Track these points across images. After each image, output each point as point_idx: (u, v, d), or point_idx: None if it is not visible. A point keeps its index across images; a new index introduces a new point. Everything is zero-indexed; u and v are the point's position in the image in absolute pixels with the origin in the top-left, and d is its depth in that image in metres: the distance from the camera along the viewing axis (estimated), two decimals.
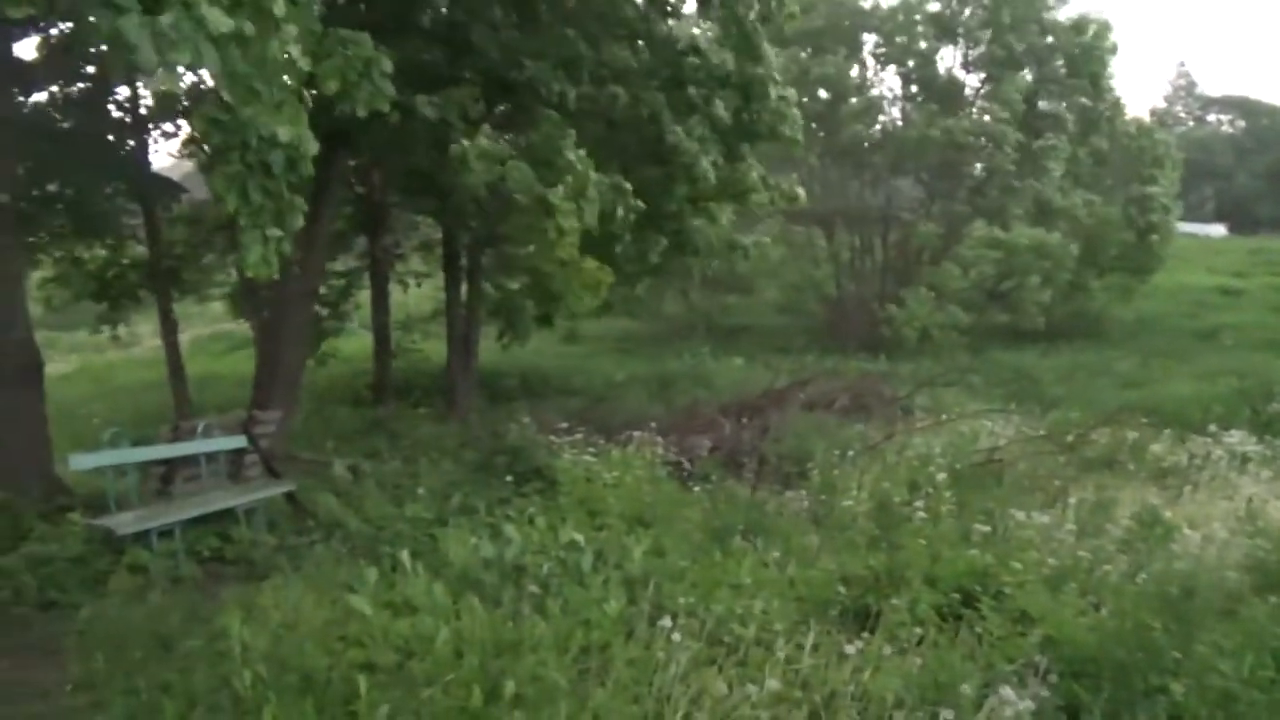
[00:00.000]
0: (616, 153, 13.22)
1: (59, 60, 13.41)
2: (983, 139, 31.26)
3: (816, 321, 33.56)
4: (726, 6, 12.96)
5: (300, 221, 6.66)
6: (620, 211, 11.15)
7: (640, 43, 13.87)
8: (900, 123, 34.07)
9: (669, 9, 14.22)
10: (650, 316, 32.63)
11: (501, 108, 13.42)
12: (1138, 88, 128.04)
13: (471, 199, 12.27)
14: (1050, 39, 32.91)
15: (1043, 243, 29.48)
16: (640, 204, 11.72)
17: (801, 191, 17.44)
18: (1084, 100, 32.49)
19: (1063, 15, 33.36)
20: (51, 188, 14.03)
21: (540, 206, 10.08)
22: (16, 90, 12.72)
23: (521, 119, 12.70)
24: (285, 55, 5.63)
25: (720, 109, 13.89)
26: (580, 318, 13.35)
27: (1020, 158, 31.34)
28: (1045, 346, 29.00)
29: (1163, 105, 65.98)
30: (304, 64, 5.89)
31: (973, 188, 32.51)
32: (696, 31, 15.27)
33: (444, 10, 12.59)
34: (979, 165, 32.33)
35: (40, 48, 13.45)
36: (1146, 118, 42.50)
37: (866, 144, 33.47)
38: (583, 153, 10.62)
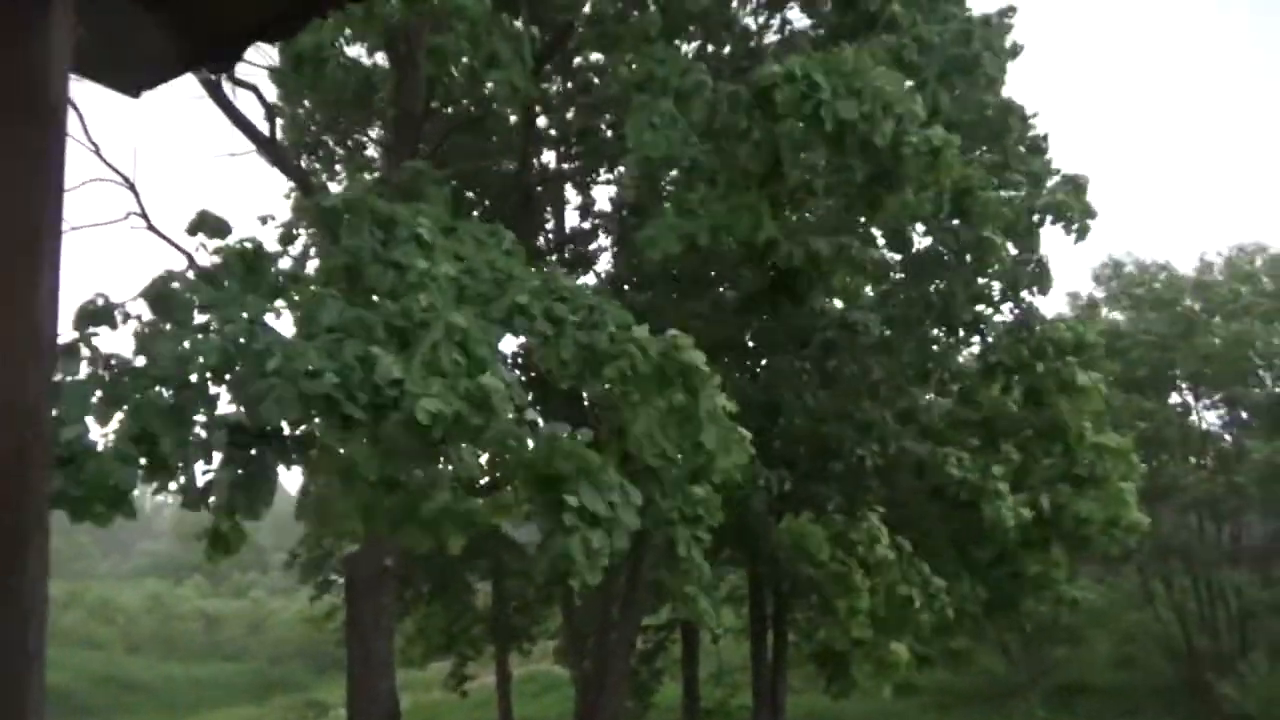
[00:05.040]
0: (918, 511, 13.57)
1: None
2: None
3: (1166, 680, 29.55)
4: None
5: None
6: (916, 596, 11.33)
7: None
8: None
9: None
10: (970, 670, 30.27)
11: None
12: None
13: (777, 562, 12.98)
14: None
15: None
16: (941, 584, 11.85)
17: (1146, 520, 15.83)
18: None
19: None
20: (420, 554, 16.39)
21: (836, 582, 10.54)
22: None
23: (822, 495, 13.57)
24: None
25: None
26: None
27: None
28: None
29: None
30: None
31: None
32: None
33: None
34: None
35: None
36: None
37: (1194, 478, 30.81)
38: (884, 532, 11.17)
